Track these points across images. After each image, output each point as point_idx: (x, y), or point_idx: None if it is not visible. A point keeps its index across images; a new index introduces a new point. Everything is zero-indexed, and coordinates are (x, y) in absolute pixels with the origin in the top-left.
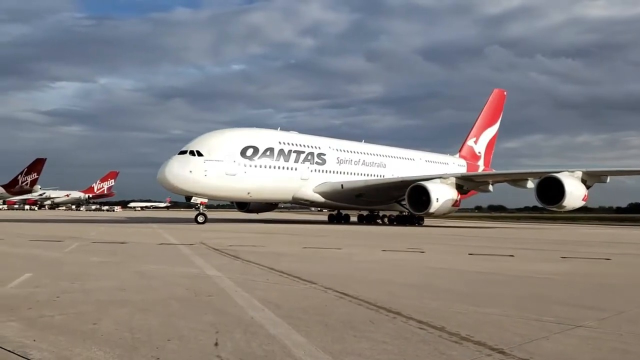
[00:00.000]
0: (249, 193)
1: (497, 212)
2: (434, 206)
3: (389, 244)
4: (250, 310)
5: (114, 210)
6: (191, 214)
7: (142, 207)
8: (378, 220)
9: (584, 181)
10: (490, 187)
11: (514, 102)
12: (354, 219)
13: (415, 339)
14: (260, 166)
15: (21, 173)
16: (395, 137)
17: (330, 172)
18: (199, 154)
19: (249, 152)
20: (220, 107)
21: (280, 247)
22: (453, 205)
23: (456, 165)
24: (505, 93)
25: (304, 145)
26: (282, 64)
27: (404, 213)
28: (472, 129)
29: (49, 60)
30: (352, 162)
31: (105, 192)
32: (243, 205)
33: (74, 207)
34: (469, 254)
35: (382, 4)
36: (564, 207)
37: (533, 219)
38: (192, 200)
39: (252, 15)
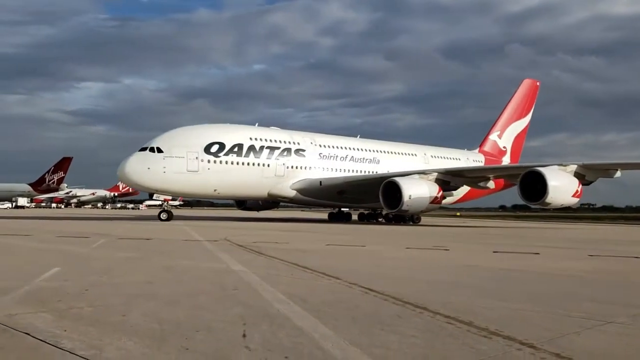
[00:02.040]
0: (215, 190)
1: (521, 211)
2: (406, 203)
3: (412, 242)
4: (276, 304)
5: (139, 208)
6: (210, 211)
7: (147, 206)
8: (380, 219)
9: (581, 176)
10: (491, 184)
11: (537, 100)
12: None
13: (443, 333)
14: (227, 162)
15: (48, 172)
16: (417, 136)
17: (310, 168)
18: (159, 151)
19: (214, 148)
20: (242, 107)
21: (303, 244)
22: (432, 203)
23: (471, 160)
24: (538, 84)
25: (280, 142)
26: (303, 64)
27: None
28: (496, 122)
29: (74, 61)
30: (338, 158)
31: (130, 190)
32: (241, 203)
33: (99, 205)
34: (494, 252)
35: (402, 3)
36: (548, 203)
37: (556, 218)
38: (154, 197)
39: (273, 15)
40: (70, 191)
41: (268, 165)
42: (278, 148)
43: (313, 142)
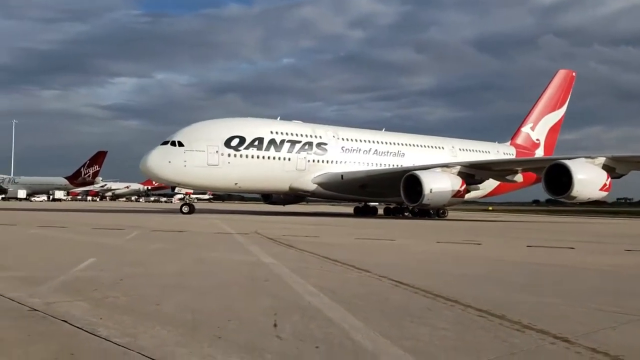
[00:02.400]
0: (236, 184)
1: (555, 205)
2: (427, 197)
3: (443, 236)
4: (307, 295)
5: (171, 202)
6: (238, 205)
7: (167, 199)
8: (406, 213)
9: (611, 169)
10: (519, 177)
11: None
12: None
13: (474, 326)
14: (247, 156)
15: (84, 165)
16: (447, 129)
17: (332, 162)
18: (180, 144)
19: (235, 142)
20: (272, 101)
21: (332, 237)
22: (455, 196)
23: (501, 153)
24: (574, 74)
25: (302, 135)
26: (332, 57)
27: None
28: (529, 114)
29: (107, 57)
30: (361, 152)
31: (164, 184)
32: (267, 197)
33: (133, 198)
34: (528, 246)
35: None
36: (573, 197)
37: (590, 213)
38: (176, 190)
39: (303, 9)
40: (105, 184)
41: (289, 159)
42: (299, 142)
43: (335, 136)
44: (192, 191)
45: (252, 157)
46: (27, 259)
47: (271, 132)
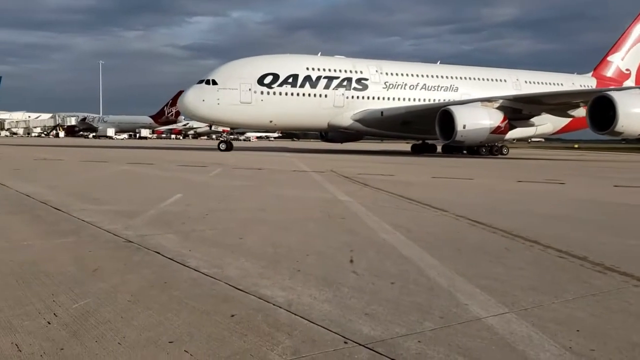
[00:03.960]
0: (271, 121)
1: None
2: (460, 133)
3: (523, 175)
4: (382, 233)
5: (249, 140)
6: (311, 144)
7: (257, 137)
8: (464, 152)
9: None
10: (581, 112)
11: None
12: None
13: (554, 267)
14: (281, 94)
15: (167, 104)
16: (531, 63)
17: (372, 98)
18: (214, 83)
19: (268, 79)
20: (346, 37)
21: (408, 176)
22: (494, 133)
23: (577, 85)
24: None
25: (340, 71)
26: None
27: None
28: (618, 42)
29: None
30: (407, 87)
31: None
32: (323, 135)
33: (214, 136)
34: (615, 186)
35: None
36: (619, 133)
37: None
38: (212, 128)
39: None
40: (187, 123)
41: (325, 96)
42: (337, 78)
43: (379, 70)
44: (228, 129)
45: (286, 94)
46: (119, 194)
47: (307, 69)
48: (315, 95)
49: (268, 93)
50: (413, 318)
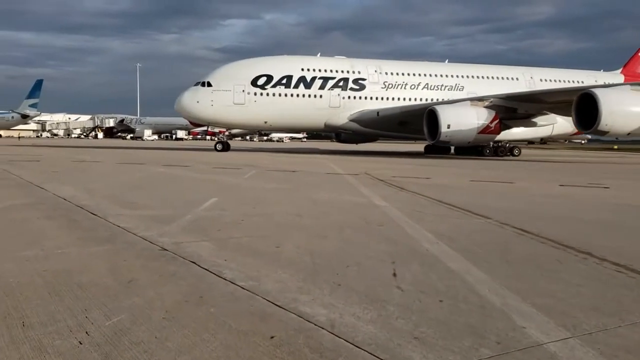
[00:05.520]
0: (266, 122)
1: None
2: (444, 134)
3: (565, 178)
4: (424, 242)
5: (283, 141)
6: (343, 146)
7: (289, 139)
8: (486, 151)
9: None
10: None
11: None
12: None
13: (613, 283)
14: (274, 94)
15: None
16: (567, 62)
17: (370, 98)
18: (209, 85)
19: (261, 81)
20: (378, 38)
21: (444, 179)
22: (482, 133)
23: (600, 82)
24: None
25: (336, 71)
26: None
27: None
28: None
29: None
30: (408, 86)
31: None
32: (338, 136)
33: (248, 137)
34: None
35: None
36: (603, 132)
37: None
38: (209, 129)
39: None
40: None
41: (320, 96)
42: (333, 78)
43: (378, 70)
44: (225, 130)
45: (280, 95)
46: (155, 197)
47: (302, 70)
48: (309, 95)
49: (261, 94)
50: (467, 343)
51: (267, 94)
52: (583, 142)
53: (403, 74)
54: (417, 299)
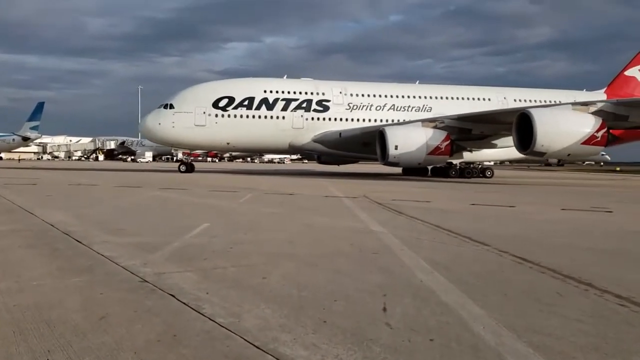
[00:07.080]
0: (228, 143)
1: None
2: (392, 155)
3: (568, 202)
4: (419, 272)
5: (284, 162)
6: (351, 167)
7: (291, 160)
8: (452, 172)
9: (619, 117)
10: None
11: None
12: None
13: (616, 319)
14: (235, 116)
15: None
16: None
17: (335, 119)
18: (171, 107)
19: (223, 102)
20: (379, 60)
21: (445, 203)
22: (432, 154)
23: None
24: None
25: (300, 93)
26: (441, 12)
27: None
28: (636, 55)
29: (221, 22)
30: (373, 107)
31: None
32: (319, 158)
33: (249, 159)
34: None
35: None
36: (541, 153)
37: None
38: (172, 150)
39: None
40: None
41: (283, 118)
42: (296, 100)
43: (343, 92)
44: (189, 151)
45: (241, 116)
46: (145, 223)
47: (264, 92)
48: (272, 117)
49: (222, 116)
50: None
51: (229, 116)
52: (602, 164)
53: (369, 95)
54: (407, 338)
